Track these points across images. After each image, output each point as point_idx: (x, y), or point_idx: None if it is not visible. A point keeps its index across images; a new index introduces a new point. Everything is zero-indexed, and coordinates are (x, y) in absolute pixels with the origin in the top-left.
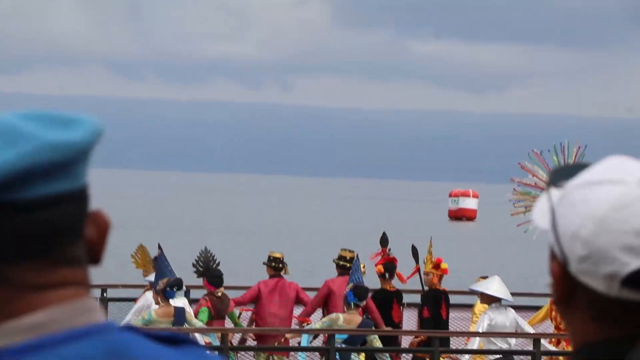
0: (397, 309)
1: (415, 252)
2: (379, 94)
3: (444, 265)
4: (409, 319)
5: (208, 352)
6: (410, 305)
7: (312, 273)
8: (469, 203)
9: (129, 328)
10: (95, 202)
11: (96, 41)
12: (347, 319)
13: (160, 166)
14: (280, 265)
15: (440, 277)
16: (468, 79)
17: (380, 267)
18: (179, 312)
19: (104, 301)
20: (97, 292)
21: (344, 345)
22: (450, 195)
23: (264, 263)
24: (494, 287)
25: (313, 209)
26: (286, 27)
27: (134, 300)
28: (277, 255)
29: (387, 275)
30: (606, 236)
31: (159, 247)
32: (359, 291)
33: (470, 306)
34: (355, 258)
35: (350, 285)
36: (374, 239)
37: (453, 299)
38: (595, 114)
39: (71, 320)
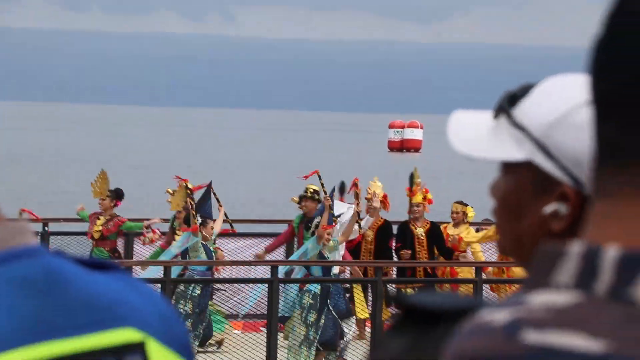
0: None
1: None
2: (323, 24)
3: (429, 195)
4: None
5: (133, 277)
6: None
7: (262, 204)
8: (415, 134)
9: (59, 253)
10: (38, 136)
11: None
12: None
13: (103, 99)
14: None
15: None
16: (412, 8)
17: None
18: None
19: (45, 235)
20: (38, 226)
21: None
22: (391, 127)
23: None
24: None
25: (258, 141)
26: None
27: (75, 234)
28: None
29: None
30: None
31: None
32: None
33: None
34: None
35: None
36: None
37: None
38: (540, 42)
39: (7, 241)
